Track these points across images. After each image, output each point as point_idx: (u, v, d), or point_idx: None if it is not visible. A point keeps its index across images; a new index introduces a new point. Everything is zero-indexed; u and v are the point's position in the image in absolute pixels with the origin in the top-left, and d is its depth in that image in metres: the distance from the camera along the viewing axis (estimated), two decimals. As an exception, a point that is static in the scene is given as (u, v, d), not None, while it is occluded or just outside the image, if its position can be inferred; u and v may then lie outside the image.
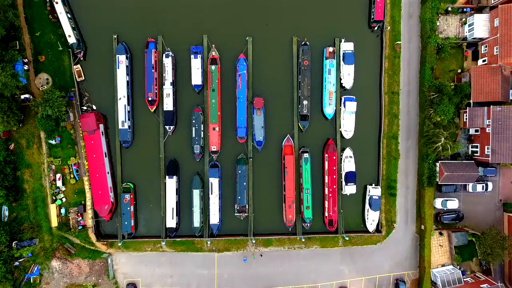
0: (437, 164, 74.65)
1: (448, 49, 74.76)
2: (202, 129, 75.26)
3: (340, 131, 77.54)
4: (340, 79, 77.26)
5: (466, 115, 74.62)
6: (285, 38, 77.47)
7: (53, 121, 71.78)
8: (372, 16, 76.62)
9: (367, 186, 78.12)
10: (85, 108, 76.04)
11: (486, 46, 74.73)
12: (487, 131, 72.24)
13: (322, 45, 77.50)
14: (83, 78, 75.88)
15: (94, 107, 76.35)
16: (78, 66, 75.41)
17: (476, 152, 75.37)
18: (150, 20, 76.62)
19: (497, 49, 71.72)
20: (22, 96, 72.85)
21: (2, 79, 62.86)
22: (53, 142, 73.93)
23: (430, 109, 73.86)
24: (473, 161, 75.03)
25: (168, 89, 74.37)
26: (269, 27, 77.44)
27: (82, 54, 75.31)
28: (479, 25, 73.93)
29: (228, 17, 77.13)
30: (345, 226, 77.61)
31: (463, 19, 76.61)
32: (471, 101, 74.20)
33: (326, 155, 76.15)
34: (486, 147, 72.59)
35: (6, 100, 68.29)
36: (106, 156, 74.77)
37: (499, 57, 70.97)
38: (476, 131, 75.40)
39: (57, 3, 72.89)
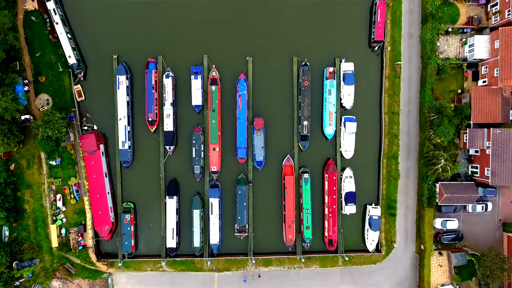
0: (437, 185, 74.71)
1: (448, 70, 74.78)
2: (202, 149, 75.37)
3: (340, 151, 77.61)
4: (340, 99, 77.29)
5: (466, 136, 74.65)
6: (285, 58, 77.49)
7: (54, 142, 71.88)
8: (373, 36, 76.58)
9: (367, 205, 78.21)
10: (85, 128, 76.11)
11: (486, 67, 74.71)
12: (487, 152, 72.29)
13: (323, 64, 77.51)
14: (83, 98, 75.98)
15: (95, 127, 76.45)
16: (78, 86, 75.50)
17: (476, 172, 75.43)
18: (151, 40, 76.66)
19: (497, 71, 71.71)
20: (23, 117, 72.96)
21: (2, 104, 62.92)
22: (53, 163, 74.07)
23: (430, 130, 73.89)
24: (473, 182, 75.10)
25: (168, 109, 74.43)
26: (269, 47, 77.46)
27: (82, 74, 75.39)
28: (480, 46, 73.89)
29: (229, 37, 77.12)
30: (345, 246, 77.76)
31: (464, 40, 76.57)
32: (471, 122, 74.18)
33: (326, 175, 76.22)
34: (486, 168, 72.64)
35: (7, 122, 68.41)
36: (106, 176, 74.89)
37: (499, 79, 70.97)
38: (476, 151, 75.45)
39: (57, 23, 73.00)
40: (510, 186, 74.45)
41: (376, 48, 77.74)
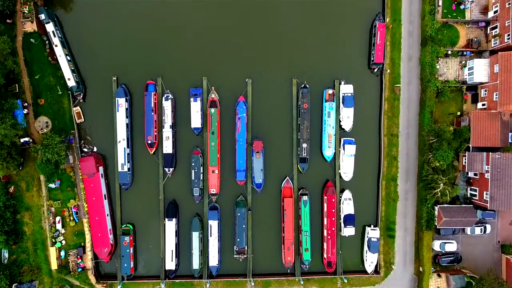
0: (436, 208, 74.79)
1: (447, 93, 74.78)
2: (201, 171, 75.45)
3: (339, 173, 77.67)
4: (340, 121, 77.30)
5: (465, 159, 74.67)
6: (284, 79, 77.51)
7: (53, 165, 71.80)
8: (372, 58, 76.56)
9: (366, 227, 78.31)
10: (85, 149, 76.17)
11: (485, 90, 74.70)
12: (486, 176, 72.34)
13: (322, 86, 77.50)
14: (83, 120, 76.03)
15: (95, 149, 76.52)
16: (78, 108, 75.56)
17: (475, 195, 75.49)
18: (150, 61, 76.72)
19: (496, 95, 71.67)
20: (22, 140, 72.81)
21: (1, 131, 62.93)
22: (52, 186, 74.15)
23: (429, 153, 73.92)
24: (471, 206, 75.20)
25: (167, 132, 74.47)
26: (269, 68, 77.43)
27: (81, 96, 75.43)
28: (479, 70, 73.84)
29: (228, 59, 77.14)
30: (343, 267, 77.92)
31: (463, 62, 76.54)
32: (470, 145, 74.22)
33: (325, 197, 76.31)
34: (485, 192, 72.68)
35: (6, 147, 68.34)
36: (105, 198, 75.03)
37: (499, 103, 70.92)
38: (475, 174, 75.51)
39: (56, 46, 72.95)
40: (509, 211, 74.50)
41: (375, 70, 77.71)
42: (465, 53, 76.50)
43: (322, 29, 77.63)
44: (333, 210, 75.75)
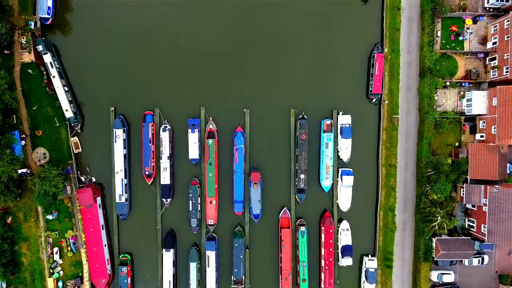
0: (434, 240, 74.69)
1: (446, 125, 74.62)
2: (199, 202, 75.44)
3: (337, 203, 77.62)
4: (338, 151, 77.19)
5: (463, 190, 74.57)
6: (282, 109, 77.47)
7: (50, 196, 71.78)
8: (370, 89, 76.45)
9: (364, 257, 78.27)
10: (83, 179, 76.17)
11: (484, 122, 74.54)
12: (483, 209, 72.18)
13: (320, 116, 77.43)
14: (80, 150, 75.99)
15: (94, 179, 76.52)
16: (75, 138, 75.54)
17: (473, 227, 75.40)
18: (148, 91, 76.76)
19: (495, 128, 71.51)
20: (20, 171, 72.62)
21: (-1, 169, 63.03)
22: (50, 217, 74.20)
23: (427, 186, 73.83)
24: (469, 238, 75.07)
25: (165, 163, 74.46)
26: (267, 98, 77.41)
27: (79, 126, 75.39)
28: (478, 102, 73.71)
29: (226, 89, 77.09)
30: (341, 297, 78.10)
31: (462, 93, 76.38)
32: (468, 177, 74.09)
33: (323, 227, 76.26)
34: (482, 225, 72.57)
35: (3, 181, 68.29)
36: (103, 229, 75.07)
37: (497, 137, 70.72)
38: (473, 205, 75.38)
39: (54, 77, 72.90)
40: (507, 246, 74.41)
41: (374, 100, 77.54)
42: (463, 84, 76.29)
43: (321, 58, 77.52)
44: (331, 241, 75.64)
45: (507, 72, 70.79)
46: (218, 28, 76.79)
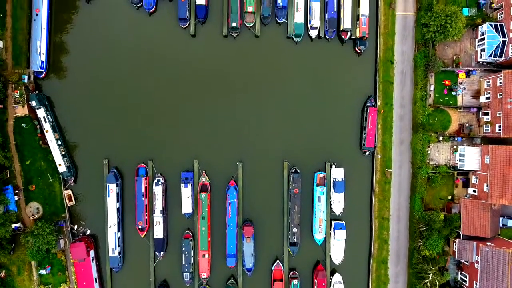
0: (426, 294, 74.93)
1: (438, 179, 74.69)
2: (192, 255, 75.56)
3: (330, 255, 77.75)
4: (331, 204, 77.30)
5: (455, 245, 74.65)
6: (275, 162, 77.64)
7: (44, 251, 72.06)
8: (364, 142, 76.50)
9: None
10: (76, 232, 76.41)
11: (477, 178, 74.56)
12: (475, 266, 72.24)
13: (313, 168, 77.56)
14: (74, 203, 76.14)
15: (88, 231, 76.75)
16: (69, 191, 75.72)
17: (466, 281, 75.45)
18: (141, 144, 76.93)
19: (487, 186, 71.49)
20: (13, 225, 72.90)
21: (-8, 232, 63.28)
22: (43, 272, 74.42)
23: (419, 241, 74.01)
24: (461, 292, 75.40)
25: (158, 217, 74.63)
26: (260, 150, 77.55)
27: (72, 179, 75.53)
28: (470, 158, 73.73)
29: (219, 142, 77.22)
30: None
31: (455, 147, 76.41)
32: (460, 232, 74.20)
33: (316, 280, 76.40)
34: (474, 282, 72.65)
35: (-4, 239, 68.77)
36: (96, 282, 75.30)
37: (489, 196, 70.64)
38: (466, 261, 75.41)
39: (47, 132, 73.04)
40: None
41: (367, 153, 77.60)
42: (456, 138, 76.31)
43: (314, 110, 77.66)
44: (323, 294, 75.98)
45: (499, 130, 70.82)
46: (211, 81, 76.90)
